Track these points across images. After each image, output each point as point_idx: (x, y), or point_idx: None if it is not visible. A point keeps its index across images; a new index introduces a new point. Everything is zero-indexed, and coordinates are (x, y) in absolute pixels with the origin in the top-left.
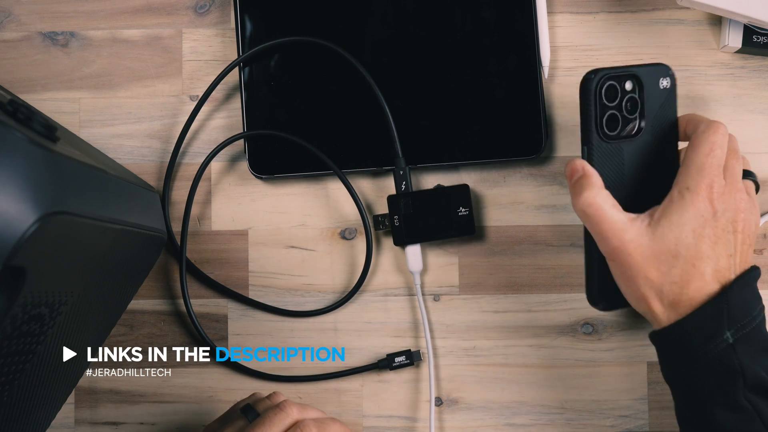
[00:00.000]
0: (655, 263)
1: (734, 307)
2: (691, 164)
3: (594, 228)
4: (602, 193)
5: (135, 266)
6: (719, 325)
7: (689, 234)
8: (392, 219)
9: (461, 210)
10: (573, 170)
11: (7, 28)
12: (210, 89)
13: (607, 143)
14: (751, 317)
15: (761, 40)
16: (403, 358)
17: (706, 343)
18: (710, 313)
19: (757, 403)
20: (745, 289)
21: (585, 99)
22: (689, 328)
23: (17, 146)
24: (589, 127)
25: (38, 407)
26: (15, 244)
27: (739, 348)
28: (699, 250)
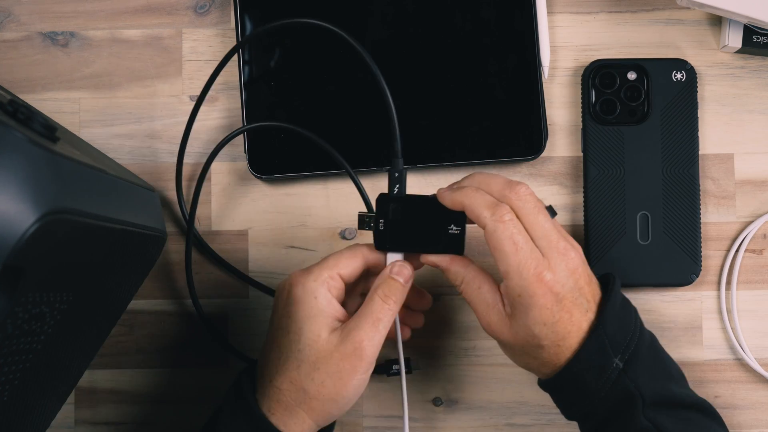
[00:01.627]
0: (522, 349)
1: (613, 334)
2: (508, 268)
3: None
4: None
5: (135, 266)
6: (606, 356)
7: (542, 327)
8: (377, 222)
9: (453, 228)
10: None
11: (7, 28)
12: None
13: (603, 126)
14: (631, 333)
15: (761, 40)
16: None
17: (600, 378)
18: (593, 348)
19: (657, 419)
20: (616, 310)
21: (581, 84)
22: (577, 369)
23: (17, 146)
24: (583, 108)
25: (38, 407)
26: (15, 244)
27: (631, 370)
28: (558, 333)
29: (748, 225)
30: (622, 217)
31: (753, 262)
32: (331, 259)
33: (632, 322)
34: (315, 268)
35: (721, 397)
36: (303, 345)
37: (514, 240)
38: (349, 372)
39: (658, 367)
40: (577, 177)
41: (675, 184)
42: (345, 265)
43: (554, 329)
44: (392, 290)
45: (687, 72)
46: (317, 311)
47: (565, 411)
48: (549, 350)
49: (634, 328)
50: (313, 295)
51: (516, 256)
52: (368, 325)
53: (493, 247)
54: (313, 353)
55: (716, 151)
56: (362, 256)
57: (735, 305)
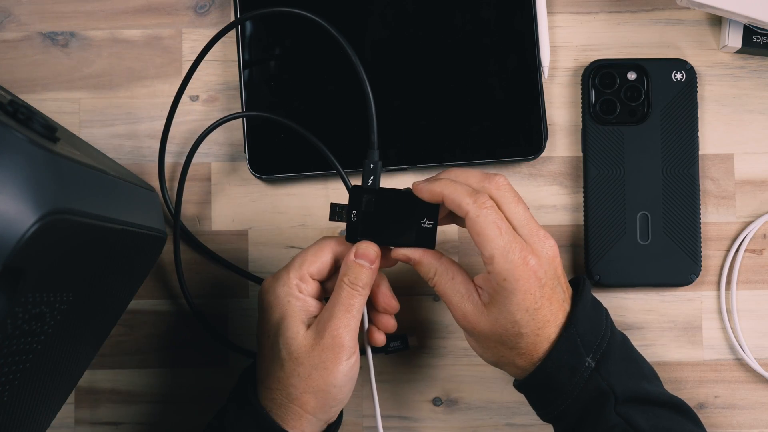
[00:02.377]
0: (498, 341)
1: (584, 333)
2: (493, 252)
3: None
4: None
5: (135, 266)
6: (578, 355)
7: (524, 314)
8: (350, 213)
9: (425, 222)
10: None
11: (7, 28)
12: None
13: (603, 126)
14: (602, 333)
15: (761, 40)
16: (399, 343)
17: (573, 377)
18: (565, 348)
19: (629, 414)
20: (586, 310)
21: (581, 84)
22: (550, 369)
23: (17, 146)
24: (583, 108)
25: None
26: (15, 244)
27: (603, 368)
28: (538, 321)
29: (748, 225)
30: (622, 217)
31: (753, 262)
32: (297, 259)
33: (603, 322)
34: (283, 273)
35: (721, 397)
36: (282, 345)
37: (497, 225)
38: (333, 361)
39: (631, 366)
40: (577, 177)
41: (675, 184)
42: (312, 262)
43: (535, 316)
44: (359, 275)
45: (687, 72)
46: (290, 313)
47: (540, 412)
48: (527, 339)
49: (605, 327)
50: (285, 300)
51: (501, 239)
52: (341, 313)
53: (477, 233)
54: (293, 351)
55: (716, 151)
56: (330, 249)
57: (735, 305)
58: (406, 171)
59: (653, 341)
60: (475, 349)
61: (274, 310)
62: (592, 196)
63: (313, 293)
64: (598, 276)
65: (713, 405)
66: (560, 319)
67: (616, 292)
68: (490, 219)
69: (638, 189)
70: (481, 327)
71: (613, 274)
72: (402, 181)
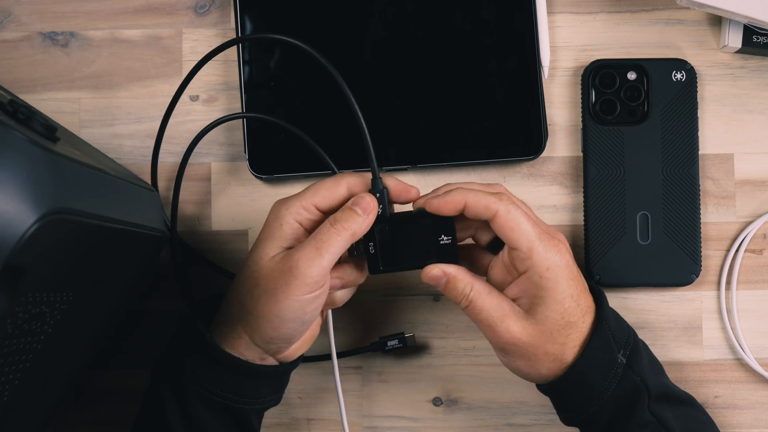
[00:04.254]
0: (551, 340)
1: (614, 330)
2: (531, 244)
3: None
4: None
5: (135, 266)
6: (610, 351)
7: (571, 301)
8: (367, 246)
9: (443, 238)
10: (436, 278)
11: (7, 28)
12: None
13: (603, 126)
14: (627, 329)
15: (761, 40)
16: (396, 342)
17: (607, 374)
18: (599, 345)
19: (661, 413)
20: (610, 308)
21: (581, 84)
22: (586, 368)
23: (17, 146)
24: (583, 108)
25: (38, 407)
26: (15, 244)
27: (634, 364)
28: (582, 306)
29: (748, 225)
30: (622, 217)
31: (753, 262)
32: (311, 188)
33: (624, 320)
34: (292, 198)
35: (721, 397)
36: (251, 262)
37: (528, 216)
38: (284, 290)
39: (653, 362)
40: (577, 177)
41: (675, 184)
42: (324, 195)
43: (579, 302)
44: (344, 217)
45: (687, 72)
46: (277, 235)
47: (569, 415)
48: (576, 329)
49: (627, 325)
50: (280, 222)
51: (535, 229)
52: (310, 247)
53: (511, 228)
54: (255, 270)
55: (716, 151)
56: (345, 184)
57: (735, 305)
58: (406, 171)
59: (653, 341)
60: (512, 363)
61: (266, 229)
62: (592, 196)
63: (313, 225)
64: (598, 276)
65: (713, 405)
66: (589, 310)
67: (616, 292)
68: (520, 212)
69: (638, 189)
70: (527, 335)
71: (613, 274)
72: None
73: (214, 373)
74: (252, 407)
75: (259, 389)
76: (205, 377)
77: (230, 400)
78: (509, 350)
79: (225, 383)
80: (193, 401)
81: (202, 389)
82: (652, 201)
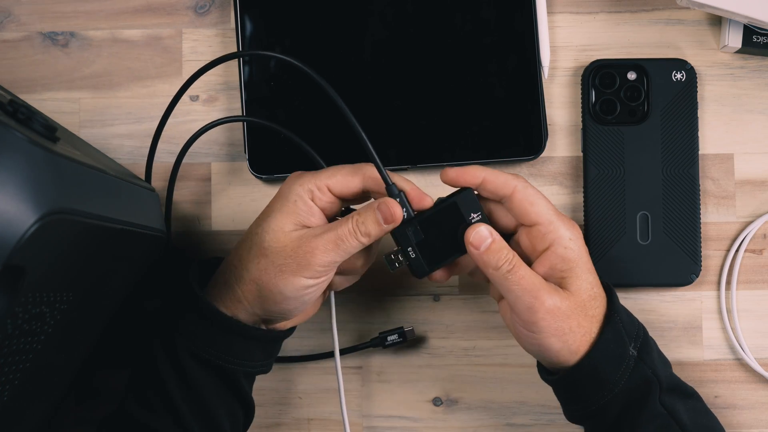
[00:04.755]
0: (583, 313)
1: (625, 323)
2: (551, 217)
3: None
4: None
5: (135, 266)
6: (622, 344)
7: (592, 275)
8: (406, 252)
9: (473, 216)
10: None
11: (7, 28)
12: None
13: (603, 126)
14: (636, 323)
15: (761, 40)
16: (396, 336)
17: (619, 367)
18: (612, 337)
19: (672, 405)
20: (619, 302)
21: (581, 84)
22: (598, 360)
23: (17, 146)
24: (583, 108)
25: (38, 407)
26: (15, 243)
27: (645, 357)
28: (599, 283)
29: (748, 225)
30: (622, 217)
31: (753, 262)
32: (330, 170)
33: (632, 315)
34: (308, 175)
35: (721, 397)
36: (263, 231)
37: (539, 192)
38: (293, 270)
39: (661, 356)
40: (577, 177)
41: (675, 184)
42: (340, 180)
43: (595, 276)
44: (368, 222)
45: (687, 72)
46: (290, 209)
47: (576, 407)
48: (600, 301)
49: (636, 319)
50: (294, 197)
51: (551, 205)
52: (329, 239)
53: (531, 203)
54: (267, 240)
55: (716, 151)
56: (362, 174)
57: (735, 305)
58: (407, 171)
59: None
60: (543, 341)
61: (280, 200)
62: (592, 196)
63: (326, 206)
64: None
65: (713, 405)
66: (601, 298)
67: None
68: (535, 190)
69: (638, 189)
70: (566, 305)
71: (613, 274)
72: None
73: (207, 332)
74: (242, 368)
75: (250, 351)
76: (198, 335)
77: (221, 359)
78: (543, 326)
79: (216, 342)
80: (185, 357)
81: (194, 346)
82: (652, 201)
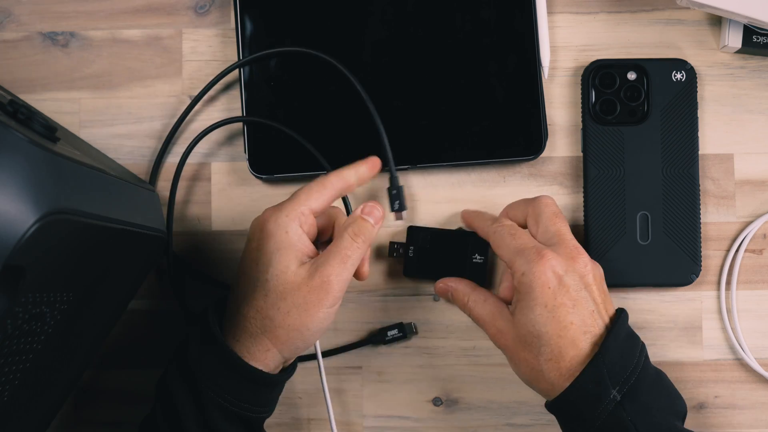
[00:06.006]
0: (525, 347)
1: (613, 365)
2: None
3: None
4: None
5: (135, 266)
6: (603, 387)
7: (543, 311)
8: (407, 249)
9: (476, 257)
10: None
11: (7, 28)
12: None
13: (603, 126)
14: (632, 368)
15: (761, 40)
16: (396, 332)
17: (595, 408)
18: (591, 378)
19: None
20: (618, 341)
21: (581, 84)
22: (574, 397)
23: (17, 146)
24: (583, 108)
25: (38, 407)
26: (15, 243)
27: (628, 404)
28: (559, 321)
29: (748, 225)
30: (622, 217)
31: (753, 262)
32: (302, 194)
33: (636, 355)
34: (287, 204)
35: (721, 397)
36: (271, 275)
37: (511, 232)
38: (315, 304)
39: (662, 401)
40: (577, 177)
41: (675, 184)
42: (316, 198)
43: (555, 314)
44: (361, 229)
45: (687, 72)
46: (287, 244)
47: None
48: (550, 341)
49: (637, 361)
50: (285, 230)
51: (515, 241)
52: (337, 261)
53: (497, 246)
54: (280, 284)
55: (716, 151)
56: (331, 186)
57: (735, 305)
58: (407, 171)
59: (653, 341)
60: (512, 368)
61: (272, 239)
62: (592, 196)
63: (311, 231)
64: None
65: (713, 405)
66: (591, 330)
67: (616, 292)
68: (506, 230)
69: (638, 189)
70: (511, 337)
71: (613, 274)
72: (403, 180)
73: (234, 384)
74: (267, 414)
75: (274, 398)
76: (225, 387)
77: (248, 410)
78: (504, 351)
79: (244, 394)
80: (210, 408)
81: (220, 398)
82: (652, 201)
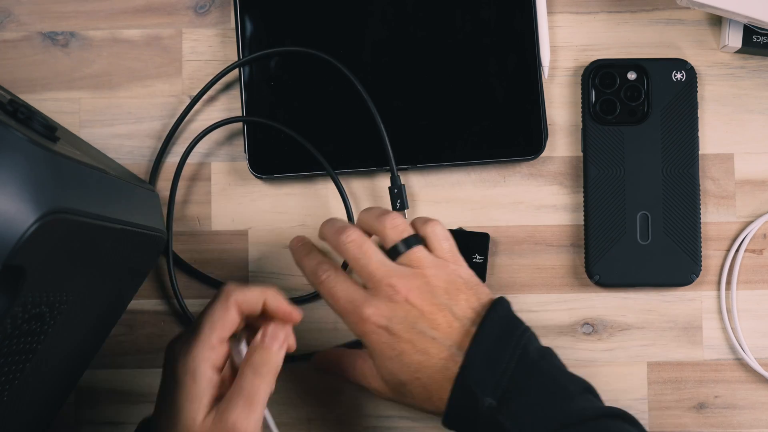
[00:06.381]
0: (399, 395)
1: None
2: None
3: None
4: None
5: (135, 266)
6: (474, 400)
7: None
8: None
9: (476, 257)
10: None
11: (7, 28)
12: (205, 89)
13: (603, 126)
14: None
15: (761, 40)
16: None
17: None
18: (460, 395)
19: None
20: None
21: (581, 84)
22: (455, 416)
23: (17, 146)
24: (583, 108)
25: (39, 407)
26: (15, 243)
27: (505, 407)
28: (409, 366)
29: (748, 225)
30: (622, 217)
31: (753, 262)
32: (206, 323)
33: (508, 355)
34: (193, 342)
35: (721, 397)
36: (181, 426)
37: (331, 293)
38: None
39: (549, 391)
40: (577, 177)
41: (675, 184)
42: (221, 327)
43: (402, 361)
44: (264, 361)
45: (687, 72)
46: (194, 396)
47: None
48: (413, 385)
49: (509, 359)
50: (192, 377)
51: (337, 306)
52: (241, 404)
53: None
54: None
55: (716, 151)
56: (235, 306)
57: (735, 305)
58: (407, 170)
59: (653, 341)
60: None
61: (179, 388)
62: (592, 196)
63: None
64: (598, 276)
65: (713, 405)
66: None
67: (616, 292)
68: (325, 291)
69: (638, 189)
70: (385, 389)
71: (613, 274)
72: (403, 180)
73: None
74: None
75: None
76: None
77: None
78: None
79: None
80: None
81: None
82: (652, 201)
